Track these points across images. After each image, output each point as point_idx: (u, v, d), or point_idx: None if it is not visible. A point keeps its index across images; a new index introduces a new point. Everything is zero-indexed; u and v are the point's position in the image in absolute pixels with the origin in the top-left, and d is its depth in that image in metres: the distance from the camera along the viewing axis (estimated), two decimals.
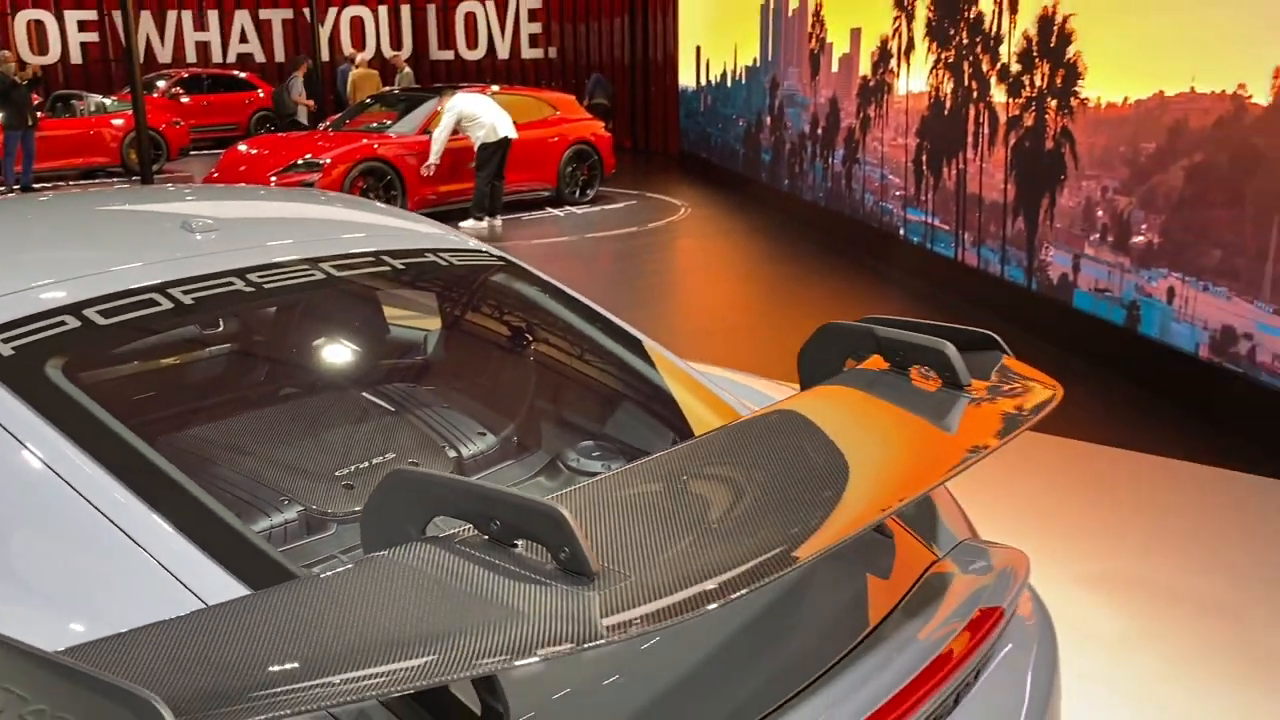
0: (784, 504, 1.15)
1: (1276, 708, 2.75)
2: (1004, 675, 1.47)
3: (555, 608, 0.93)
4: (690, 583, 0.95)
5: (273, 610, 0.98)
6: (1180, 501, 4.02)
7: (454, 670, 0.87)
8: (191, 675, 0.87)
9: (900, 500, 1.16)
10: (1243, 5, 4.52)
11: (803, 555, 1.03)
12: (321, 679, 0.86)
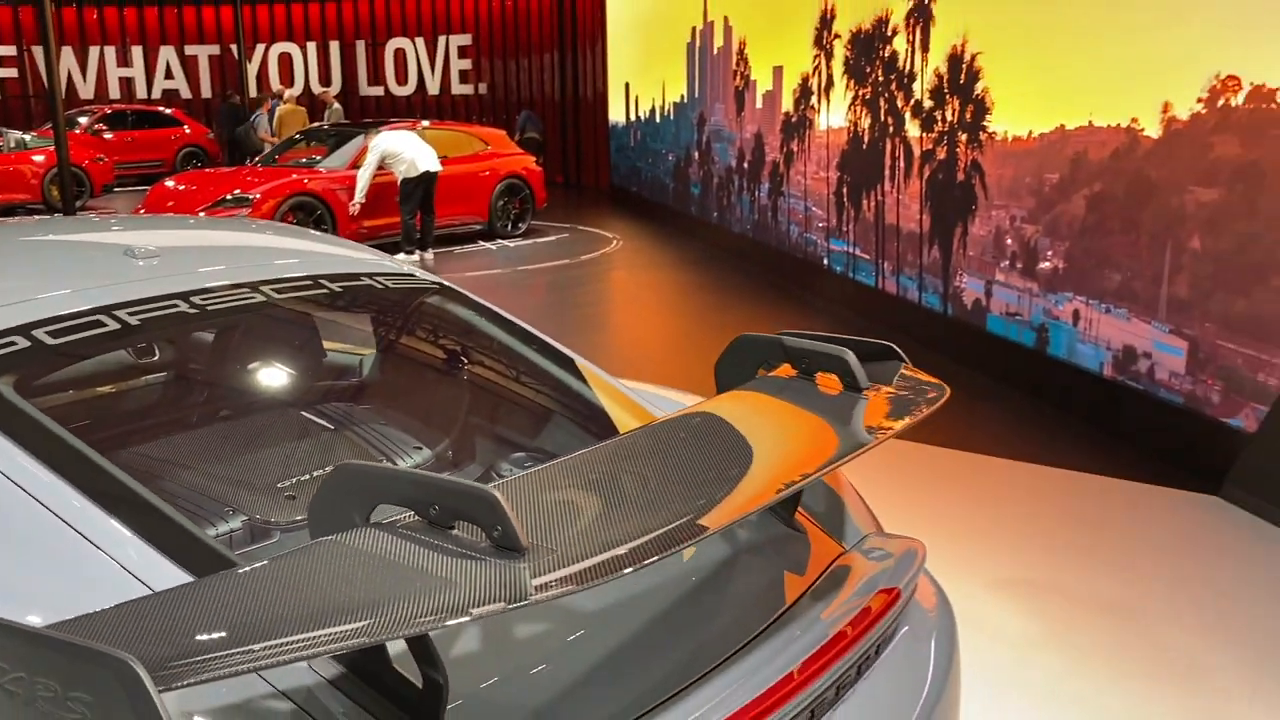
0: (692, 487, 1.28)
1: (1175, 699, 2.93)
2: (905, 651, 1.61)
3: (489, 577, 1.04)
4: (607, 551, 1.07)
5: (231, 587, 1.07)
6: (1086, 510, 4.24)
7: (398, 629, 0.98)
8: (160, 642, 0.96)
9: (794, 481, 1.29)
10: (1134, 46, 4.83)
11: (707, 527, 1.16)
12: (277, 640, 0.96)
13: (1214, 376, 4.41)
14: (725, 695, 1.30)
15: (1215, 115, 4.35)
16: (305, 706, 1.20)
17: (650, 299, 9.37)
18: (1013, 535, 3.98)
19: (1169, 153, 4.63)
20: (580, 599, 1.45)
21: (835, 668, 1.39)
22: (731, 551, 1.65)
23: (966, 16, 6.18)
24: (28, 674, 0.94)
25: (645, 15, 14.29)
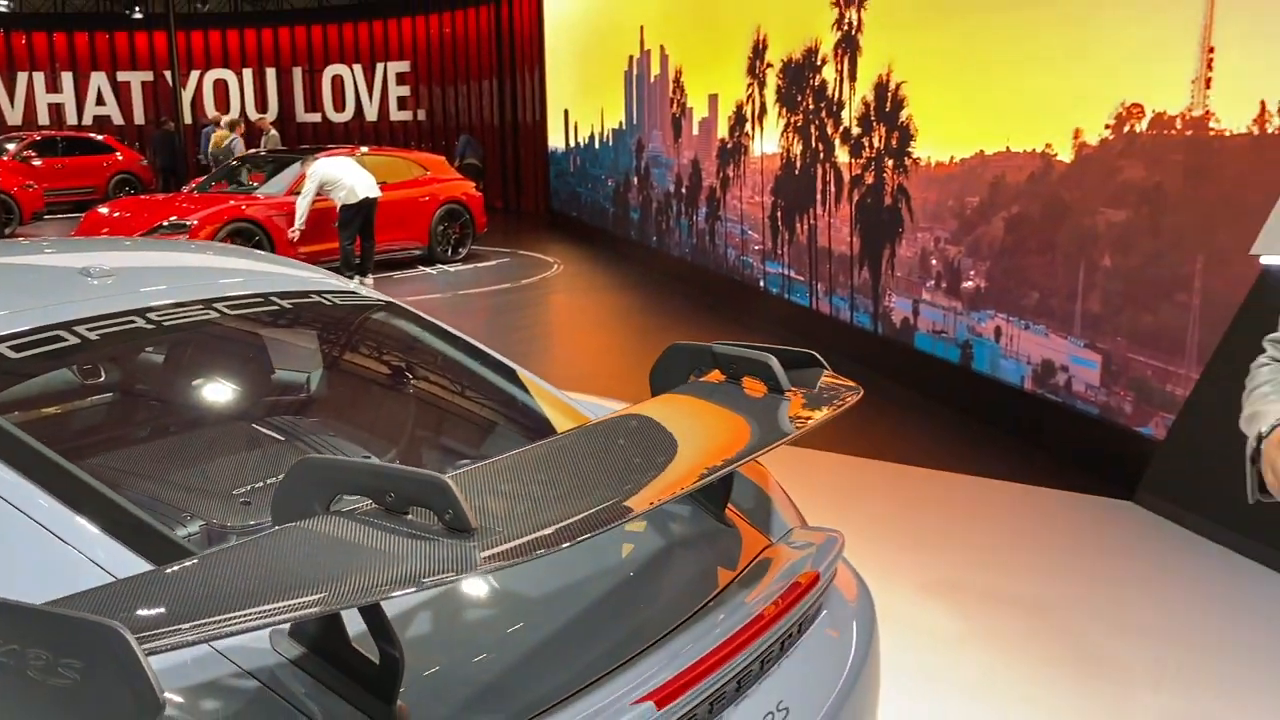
0: (623, 476, 1.40)
1: (1091, 689, 3.11)
2: (826, 630, 1.75)
3: (441, 553, 1.15)
4: (546, 529, 1.19)
5: (203, 567, 1.17)
6: (1011, 516, 4.44)
7: (359, 598, 1.08)
8: (142, 614, 1.05)
9: (717, 467, 1.43)
10: (1047, 75, 5.10)
11: (634, 509, 1.28)
12: (249, 609, 1.06)
13: (1126, 388, 4.65)
14: (660, 668, 1.42)
15: (1122, 141, 4.62)
16: (269, 684, 1.29)
17: (592, 321, 9.50)
18: (940, 541, 4.16)
19: (1080, 176, 4.89)
20: (527, 586, 1.57)
21: (759, 642, 1.52)
22: (667, 543, 1.77)
23: (891, 48, 6.44)
24: (20, 646, 1.02)
25: (583, 43, 14.50)
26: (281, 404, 2.23)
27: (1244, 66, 3.98)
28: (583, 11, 14.39)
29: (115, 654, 0.97)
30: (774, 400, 1.78)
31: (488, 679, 1.37)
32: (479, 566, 1.13)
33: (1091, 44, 4.78)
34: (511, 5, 19.19)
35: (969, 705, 3.01)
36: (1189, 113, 4.24)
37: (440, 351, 2.36)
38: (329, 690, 1.30)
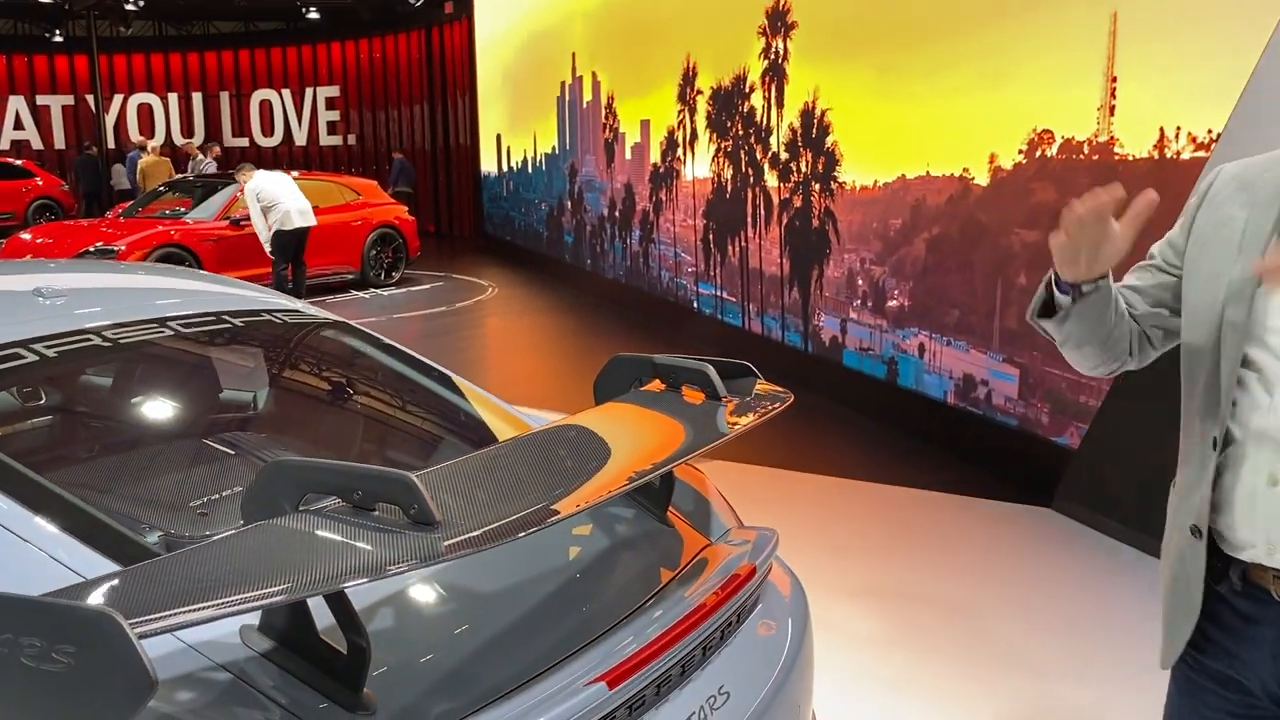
0: (571, 475, 1.51)
1: (1014, 684, 3.27)
2: (764, 619, 1.87)
3: (407, 544, 1.25)
4: (502, 521, 1.29)
5: (181, 562, 1.25)
6: (935, 524, 4.63)
7: (331, 584, 1.17)
8: (129, 603, 1.13)
9: (659, 465, 1.54)
10: (964, 103, 5.34)
11: (581, 505, 1.39)
12: (229, 596, 1.14)
13: (1042, 400, 4.88)
14: (610, 654, 1.52)
15: (1034, 165, 4.87)
16: (241, 677, 1.37)
17: (528, 342, 9.58)
18: (867, 548, 4.32)
19: (996, 199, 5.13)
20: (485, 582, 1.66)
21: (701, 629, 1.63)
22: (613, 543, 1.88)
23: (816, 76, 6.67)
24: (14, 635, 1.09)
25: (516, 69, 14.63)
26: (237, 419, 2.29)
27: (1144, 95, 4.24)
28: (515, 38, 14.53)
29: (109, 638, 1.04)
30: (711, 406, 1.90)
31: (450, 667, 1.46)
32: (442, 555, 1.22)
33: (1004, 74, 5.03)
34: (442, 31, 19.27)
35: (892, 704, 3.15)
36: (1095, 138, 4.49)
37: (389, 367, 2.44)
38: (299, 681, 1.37)
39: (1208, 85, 3.90)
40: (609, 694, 1.43)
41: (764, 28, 7.24)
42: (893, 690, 3.22)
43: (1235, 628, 1.51)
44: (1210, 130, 3.89)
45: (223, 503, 1.97)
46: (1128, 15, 4.28)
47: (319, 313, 2.53)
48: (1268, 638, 1.48)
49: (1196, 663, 1.58)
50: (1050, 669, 3.35)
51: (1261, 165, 1.52)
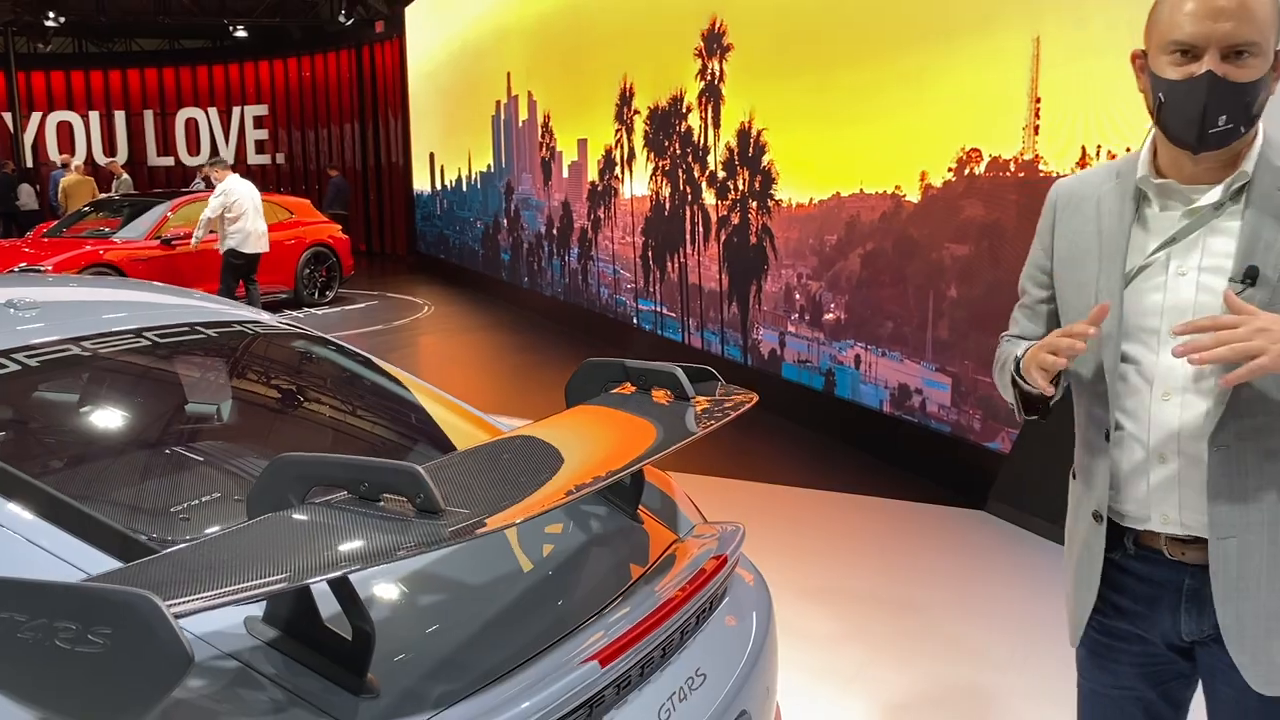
0: (558, 470, 1.60)
1: (957, 675, 3.42)
2: (734, 606, 1.97)
3: (414, 530, 1.32)
4: (500, 510, 1.38)
5: (199, 551, 1.31)
6: (877, 527, 4.79)
7: (348, 565, 1.24)
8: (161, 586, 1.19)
9: (639, 458, 1.64)
10: (896, 122, 5.56)
11: (573, 493, 1.48)
12: (253, 580, 1.21)
13: (974, 407, 5.08)
14: (594, 639, 1.61)
15: (963, 182, 5.08)
16: (249, 664, 1.43)
17: (467, 360, 9.60)
18: (813, 552, 4.46)
19: (927, 215, 5.35)
20: (475, 575, 1.74)
21: (679, 614, 1.73)
22: (589, 539, 1.97)
23: (752, 97, 6.86)
24: (48, 620, 1.14)
25: (449, 88, 14.66)
26: (212, 427, 2.33)
27: (1066, 116, 4.48)
28: (448, 57, 14.57)
29: (146, 618, 1.11)
30: (681, 407, 2.00)
31: (448, 652, 1.54)
32: (447, 540, 1.30)
33: (934, 94, 5.25)
34: (373, 49, 19.20)
35: (844, 698, 3.28)
36: (1021, 157, 4.72)
37: (354, 372, 2.50)
38: (304, 667, 1.44)
39: (1125, 106, 4.14)
40: (601, 672, 1.52)
41: (700, 49, 7.42)
42: (846, 685, 3.34)
43: (1135, 589, 1.69)
44: (1128, 148, 4.12)
45: (201, 508, 2.02)
46: (1050, 40, 4.52)
47: (286, 324, 2.59)
48: (1165, 594, 1.66)
49: (1103, 627, 1.75)
50: (989, 658, 3.51)
51: (1096, 179, 1.70)
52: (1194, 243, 1.57)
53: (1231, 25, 1.45)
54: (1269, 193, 1.54)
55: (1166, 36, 1.50)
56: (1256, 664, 1.58)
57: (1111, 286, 1.62)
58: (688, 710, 1.70)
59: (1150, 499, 1.63)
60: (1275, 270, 1.51)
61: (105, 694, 1.13)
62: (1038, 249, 1.80)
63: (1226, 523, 1.57)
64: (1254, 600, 1.57)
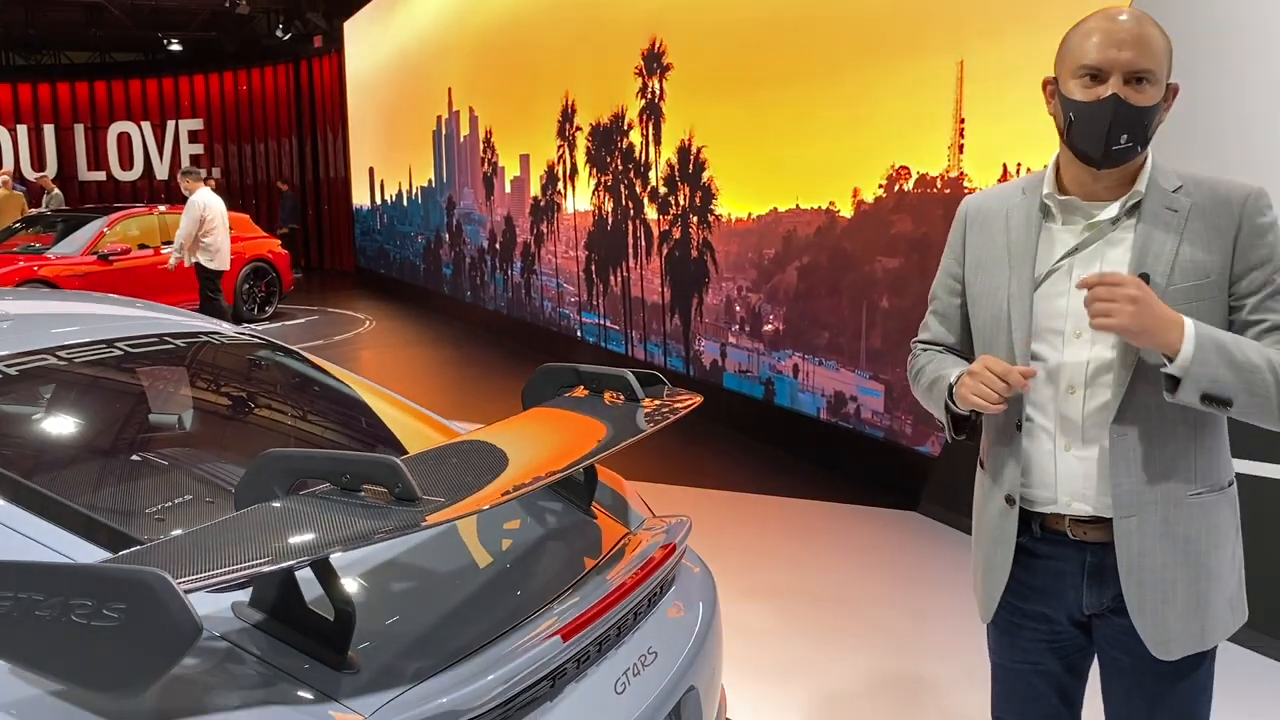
0: (520, 463, 1.74)
1: (888, 662, 3.61)
2: (682, 590, 2.13)
3: (394, 516, 1.46)
4: (470, 497, 1.52)
5: (194, 538, 1.43)
6: (816, 529, 4.98)
7: (329, 548, 1.37)
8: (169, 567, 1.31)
9: (593, 452, 1.79)
10: (829, 141, 5.79)
11: (535, 483, 1.63)
12: (252, 559, 1.33)
13: (906, 412, 5.31)
14: (555, 619, 1.75)
15: (893, 198, 5.32)
16: (237, 644, 1.54)
17: (408, 374, 9.64)
18: (755, 553, 4.64)
19: (860, 229, 5.58)
20: (447, 564, 1.87)
21: (632, 596, 1.87)
22: (547, 531, 2.11)
23: (691, 115, 7.06)
24: (64, 597, 1.26)
25: (389, 103, 14.70)
26: (182, 433, 2.42)
27: (988, 135, 4.73)
28: (387, 72, 14.61)
29: (159, 594, 1.23)
30: (630, 408, 2.16)
31: (422, 632, 1.67)
32: (423, 524, 1.44)
33: (866, 115, 5.49)
34: (311, 64, 19.14)
35: (785, 687, 3.45)
36: (947, 174, 4.97)
37: (318, 380, 2.62)
38: (289, 646, 1.56)
39: (1041, 126, 4.39)
40: (563, 646, 1.66)
41: (640, 68, 7.62)
42: (786, 676, 3.51)
43: (1042, 569, 1.86)
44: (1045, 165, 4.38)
45: (174, 510, 2.12)
46: (972, 64, 4.78)
47: (248, 334, 2.69)
48: (1068, 571, 1.83)
49: (1011, 605, 1.92)
50: (921, 648, 3.71)
51: (1003, 195, 1.89)
52: (1094, 253, 1.76)
53: (1132, 54, 1.64)
54: (1157, 210, 1.74)
55: (1077, 62, 1.69)
56: (1154, 631, 1.76)
57: (1022, 291, 1.80)
58: (641, 684, 1.85)
59: (1058, 485, 1.80)
60: (1163, 276, 1.71)
61: (119, 663, 1.25)
62: (949, 258, 1.97)
63: (1127, 503, 1.75)
64: (1151, 573, 1.75)
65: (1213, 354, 1.62)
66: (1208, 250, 1.71)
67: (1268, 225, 1.72)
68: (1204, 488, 1.76)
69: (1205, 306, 1.70)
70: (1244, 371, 1.63)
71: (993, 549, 1.90)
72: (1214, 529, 1.78)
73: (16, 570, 1.29)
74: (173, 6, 17.71)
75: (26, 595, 1.28)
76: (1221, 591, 1.79)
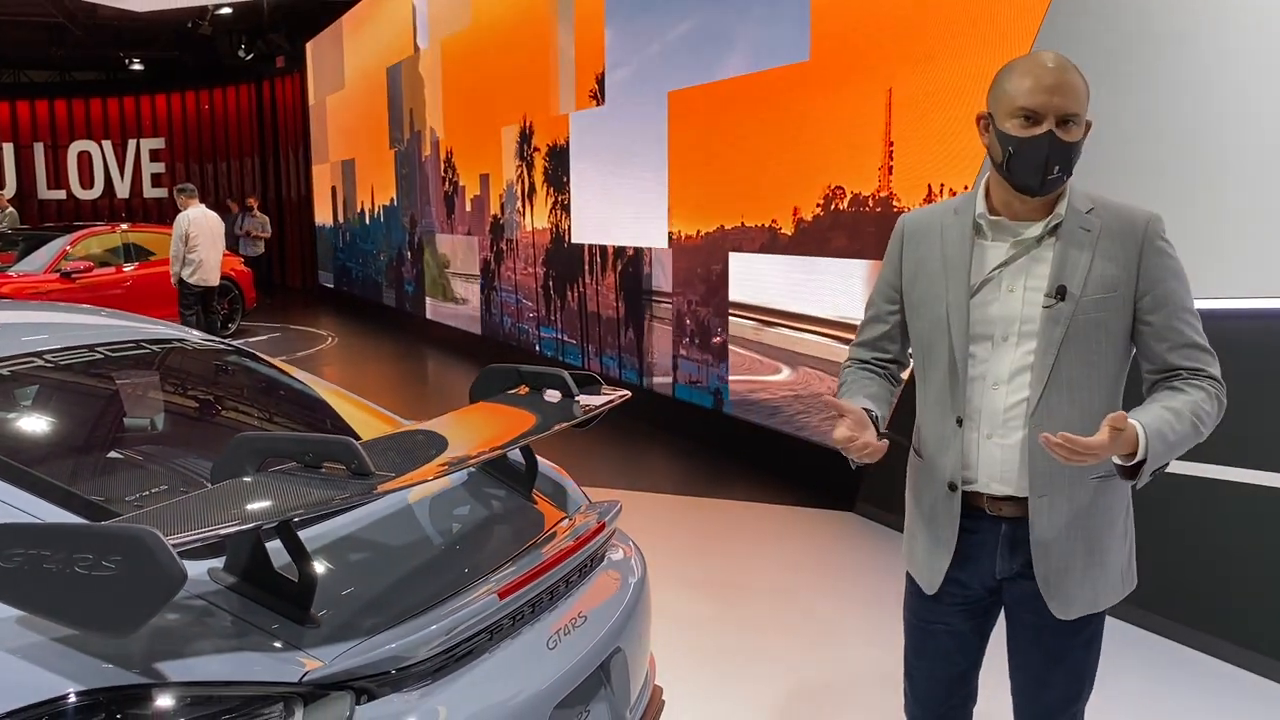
0: (461, 444, 1.99)
1: (820, 649, 3.88)
2: (612, 566, 2.38)
3: (350, 486, 1.70)
4: (416, 470, 1.77)
5: (178, 506, 1.66)
6: (758, 529, 5.25)
7: (290, 511, 1.62)
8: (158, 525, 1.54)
9: (524, 434, 2.05)
10: (772, 163, 6.10)
11: (467, 458, 1.88)
12: (228, 520, 1.57)
13: None
14: (494, 583, 2.00)
15: (829, 216, 5.63)
16: (213, 602, 1.77)
17: (372, 390, 9.81)
18: (701, 551, 4.90)
19: (800, 245, 5.88)
20: (398, 537, 2.11)
21: (563, 565, 2.12)
22: (491, 514, 2.36)
23: None
24: (68, 552, 1.49)
25: (351, 124, 14.88)
26: (158, 430, 2.65)
27: (915, 158, 5.05)
28: (350, 92, 14.81)
29: (149, 547, 1.46)
30: (566, 404, 2.41)
31: (375, 595, 1.91)
32: (375, 493, 1.69)
33: (808, 138, 5.81)
34: (273, 84, 19.29)
35: (726, 673, 3.70)
36: (878, 194, 5.29)
37: (283, 383, 2.85)
38: (259, 605, 1.79)
39: (963, 150, 4.73)
40: (499, 604, 1.90)
41: (594, 91, 7.90)
42: (726, 662, 3.77)
43: (962, 541, 2.10)
44: (966, 186, 4.70)
45: (152, 498, 2.34)
46: (900, 91, 5.11)
47: (216, 341, 2.92)
48: (986, 543, 2.08)
49: None
50: (856, 639, 3.98)
51: (937, 214, 2.15)
52: (1021, 267, 2.02)
53: (1061, 99, 1.91)
54: (1074, 230, 2.00)
55: (1014, 104, 1.94)
56: (1058, 595, 2.03)
57: (959, 299, 2.05)
58: (571, 642, 2.10)
59: (982, 467, 2.04)
60: (1078, 287, 1.97)
61: (117, 606, 1.48)
62: (888, 270, 2.20)
63: (1041, 484, 2.00)
64: (1058, 544, 2.02)
65: (1161, 450, 1.87)
66: (1116, 266, 1.97)
67: (1165, 247, 1.99)
68: (1104, 472, 2.01)
69: (1111, 316, 1.97)
70: (1178, 446, 1.91)
71: (939, 530, 2.12)
72: (1109, 507, 2.04)
73: (28, 531, 1.52)
74: (135, 26, 17.80)
75: (36, 551, 1.51)
76: (1115, 562, 2.07)
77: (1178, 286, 1.99)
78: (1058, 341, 1.96)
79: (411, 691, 1.77)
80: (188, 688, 1.63)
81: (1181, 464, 3.44)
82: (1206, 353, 1.99)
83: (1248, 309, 3.60)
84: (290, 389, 2.86)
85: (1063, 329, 1.96)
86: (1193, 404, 1.93)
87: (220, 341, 2.92)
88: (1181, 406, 1.93)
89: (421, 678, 1.78)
